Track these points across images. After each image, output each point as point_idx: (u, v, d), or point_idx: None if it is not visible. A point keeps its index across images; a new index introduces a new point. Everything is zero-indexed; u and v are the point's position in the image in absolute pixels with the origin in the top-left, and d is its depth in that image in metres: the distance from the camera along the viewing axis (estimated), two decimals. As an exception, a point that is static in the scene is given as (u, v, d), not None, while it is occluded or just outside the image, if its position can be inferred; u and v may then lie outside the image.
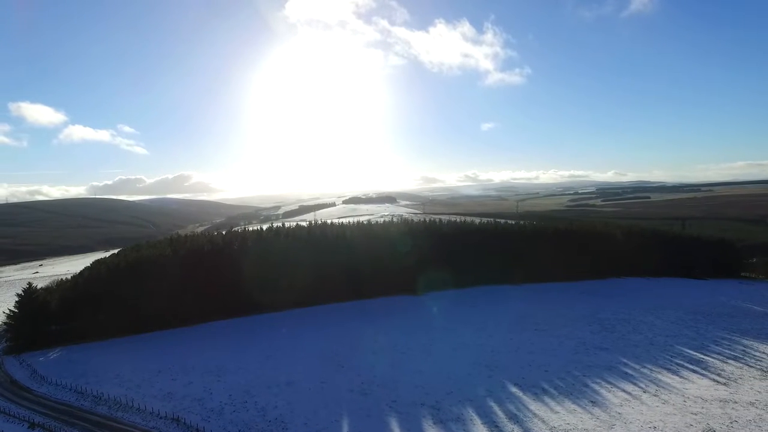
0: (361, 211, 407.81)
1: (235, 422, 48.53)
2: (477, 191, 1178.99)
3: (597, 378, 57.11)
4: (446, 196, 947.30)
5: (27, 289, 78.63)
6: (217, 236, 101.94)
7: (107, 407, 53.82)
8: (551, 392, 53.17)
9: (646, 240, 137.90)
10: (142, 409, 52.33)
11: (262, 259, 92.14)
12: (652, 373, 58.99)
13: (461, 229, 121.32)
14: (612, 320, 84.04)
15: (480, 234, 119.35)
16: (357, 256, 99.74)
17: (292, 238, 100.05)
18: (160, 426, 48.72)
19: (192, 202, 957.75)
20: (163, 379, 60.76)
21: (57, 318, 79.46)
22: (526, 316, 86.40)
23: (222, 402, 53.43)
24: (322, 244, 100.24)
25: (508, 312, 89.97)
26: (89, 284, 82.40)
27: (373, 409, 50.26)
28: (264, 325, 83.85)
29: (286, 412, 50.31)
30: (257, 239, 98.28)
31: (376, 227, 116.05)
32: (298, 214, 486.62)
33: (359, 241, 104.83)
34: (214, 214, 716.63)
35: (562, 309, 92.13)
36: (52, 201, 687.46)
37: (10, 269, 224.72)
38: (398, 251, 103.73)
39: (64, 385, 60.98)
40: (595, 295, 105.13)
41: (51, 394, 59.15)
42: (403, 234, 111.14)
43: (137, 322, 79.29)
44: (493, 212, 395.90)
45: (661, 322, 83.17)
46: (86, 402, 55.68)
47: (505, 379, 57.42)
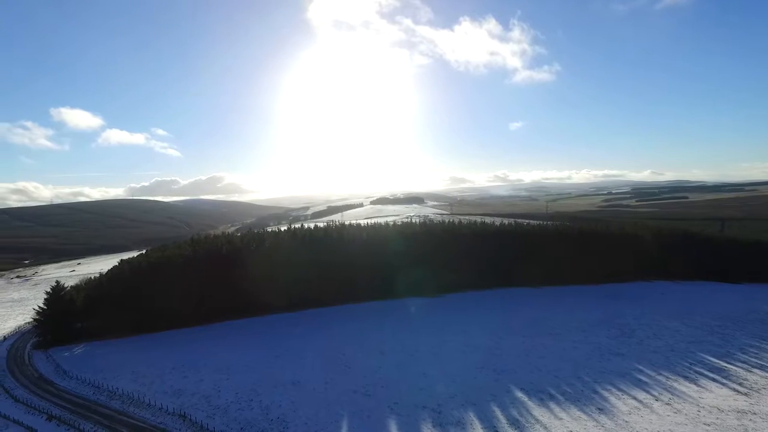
0: (388, 212, 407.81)
1: (238, 420, 49.46)
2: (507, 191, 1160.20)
3: (608, 384, 55.30)
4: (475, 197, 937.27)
5: (55, 287, 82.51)
6: (235, 237, 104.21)
7: (120, 402, 55.82)
8: (558, 398, 51.82)
9: (677, 242, 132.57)
10: (152, 405, 54.02)
11: (279, 260, 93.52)
12: (667, 380, 56.66)
13: (479, 231, 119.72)
14: (632, 325, 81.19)
15: (499, 235, 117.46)
16: (371, 257, 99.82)
17: (308, 239, 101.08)
18: (167, 422, 50.13)
19: (224, 203, 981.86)
20: (175, 377, 62.54)
21: (82, 315, 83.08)
22: (541, 320, 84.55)
23: (228, 400, 54.54)
24: (336, 245, 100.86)
25: (523, 315, 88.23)
26: (112, 283, 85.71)
27: (374, 410, 50.23)
28: (276, 326, 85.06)
29: (289, 411, 50.89)
30: (274, 240, 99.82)
31: (390, 228, 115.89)
32: (327, 215, 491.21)
33: (373, 242, 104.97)
34: (246, 215, 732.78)
35: (581, 313, 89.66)
36: (93, 202, 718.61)
37: (51, 267, 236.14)
38: (412, 252, 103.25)
39: (83, 380, 63.66)
40: (618, 299, 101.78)
41: (71, 388, 61.81)
42: (417, 234, 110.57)
43: (156, 321, 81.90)
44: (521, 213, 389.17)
45: (686, 328, 79.77)
46: (102, 396, 57.93)
47: (511, 383, 56.33)
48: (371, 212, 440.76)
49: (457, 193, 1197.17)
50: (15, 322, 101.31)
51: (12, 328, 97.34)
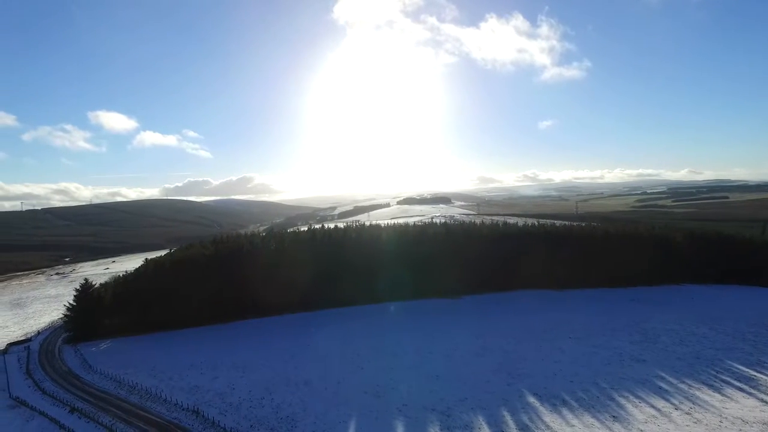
0: (413, 212, 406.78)
1: (248, 417, 50.26)
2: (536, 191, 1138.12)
3: (625, 391, 53.48)
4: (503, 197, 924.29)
5: (83, 285, 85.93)
6: (256, 237, 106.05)
7: (139, 397, 57.63)
8: (571, 404, 50.46)
9: (710, 244, 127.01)
10: (168, 401, 55.50)
11: (298, 260, 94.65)
12: (690, 389, 54.35)
13: (501, 232, 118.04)
14: (658, 330, 78.25)
15: (520, 236, 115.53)
16: (389, 258, 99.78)
17: (327, 240, 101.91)
18: (181, 417, 51.40)
19: (254, 203, 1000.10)
20: (193, 374, 64.10)
21: (109, 312, 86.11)
22: (562, 323, 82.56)
23: (241, 397, 55.50)
24: (354, 246, 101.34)
25: (543, 318, 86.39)
26: (137, 281, 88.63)
27: (382, 411, 50.16)
28: (293, 325, 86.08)
29: (299, 410, 51.36)
30: (294, 240, 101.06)
31: (410, 228, 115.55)
32: (353, 215, 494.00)
33: (392, 242, 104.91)
34: (275, 215, 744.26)
35: (604, 316, 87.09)
36: (129, 202, 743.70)
37: (88, 265, 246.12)
38: (432, 252, 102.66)
39: (106, 374, 66.06)
40: (645, 303, 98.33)
41: (95, 382, 64.22)
42: (437, 235, 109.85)
43: (177, 318, 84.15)
44: (551, 213, 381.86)
45: (715, 334, 76.34)
46: (122, 391, 59.94)
47: (524, 387, 55.22)
48: (397, 212, 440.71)
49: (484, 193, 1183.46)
50: (50, 318, 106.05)
51: (46, 323, 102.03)
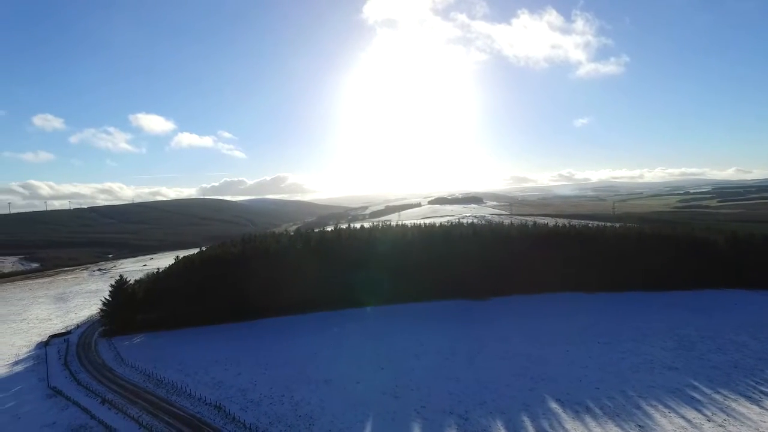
0: (444, 212, 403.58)
1: (268, 414, 51.08)
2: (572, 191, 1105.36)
3: (654, 400, 51.25)
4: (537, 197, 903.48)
5: (118, 281, 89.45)
6: (283, 236, 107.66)
7: (165, 390, 59.49)
8: (595, 412, 48.79)
9: (756, 247, 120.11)
10: (192, 395, 57.08)
11: (323, 259, 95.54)
12: (725, 400, 51.57)
13: (531, 232, 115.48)
14: (693, 337, 74.64)
15: (551, 237, 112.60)
16: (415, 258, 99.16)
17: (352, 239, 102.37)
18: (203, 412, 52.77)
19: (287, 202, 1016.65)
20: (217, 369, 65.68)
21: (142, 307, 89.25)
22: (591, 327, 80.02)
23: (262, 394, 56.50)
24: (380, 245, 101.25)
25: (572, 321, 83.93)
26: (168, 278, 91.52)
27: (400, 413, 49.95)
28: (317, 324, 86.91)
29: (317, 408, 51.83)
30: (319, 240, 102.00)
31: (437, 229, 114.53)
32: (384, 214, 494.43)
33: (418, 242, 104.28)
34: (307, 214, 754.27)
35: (637, 321, 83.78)
36: (168, 201, 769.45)
37: (128, 262, 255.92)
38: (458, 253, 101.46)
39: (137, 368, 68.49)
40: (681, 308, 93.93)
41: (126, 375, 66.74)
42: (464, 236, 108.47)
43: (206, 315, 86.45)
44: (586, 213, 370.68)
45: (756, 343, 72.10)
46: (150, 384, 62.02)
47: (547, 393, 53.80)
48: (428, 212, 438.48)
49: (518, 192, 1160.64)
50: (89, 312, 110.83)
51: (86, 316, 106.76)
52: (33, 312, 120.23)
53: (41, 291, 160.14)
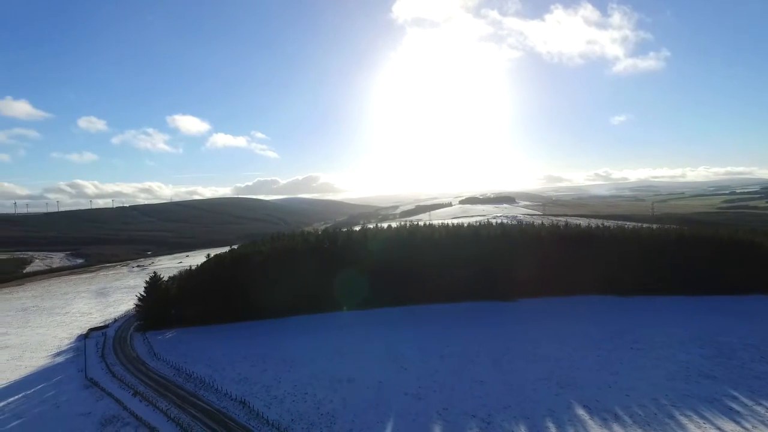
0: (475, 212, 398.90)
1: (291, 411, 51.61)
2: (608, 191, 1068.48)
3: (689, 410, 48.85)
4: (572, 197, 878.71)
5: (153, 277, 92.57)
6: (311, 235, 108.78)
7: (193, 384, 61.09)
8: (624, 420, 46.93)
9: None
10: (219, 390, 58.35)
11: (349, 257, 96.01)
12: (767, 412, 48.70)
13: (562, 233, 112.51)
14: (735, 344, 70.82)
15: (584, 237, 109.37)
16: (441, 258, 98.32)
17: (378, 239, 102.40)
18: (228, 407, 53.85)
19: (319, 202, 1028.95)
20: (244, 365, 66.94)
21: (175, 303, 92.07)
22: (624, 332, 77.18)
23: (286, 391, 57.16)
24: (407, 246, 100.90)
25: (603, 325, 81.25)
26: (200, 276, 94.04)
27: (422, 414, 49.49)
28: (343, 322, 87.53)
29: (339, 407, 52.00)
30: (346, 239, 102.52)
31: (465, 229, 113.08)
32: (415, 214, 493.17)
33: (444, 242, 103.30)
34: (338, 213, 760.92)
35: (673, 327, 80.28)
36: (204, 200, 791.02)
37: (165, 259, 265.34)
38: (486, 254, 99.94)
39: (168, 362, 70.65)
40: (723, 314, 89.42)
41: (157, 368, 68.96)
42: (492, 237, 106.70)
43: (235, 311, 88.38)
44: (623, 214, 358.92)
45: (806, 352, 67.84)
46: (179, 378, 63.83)
47: (574, 399, 52.16)
48: (458, 212, 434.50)
49: (552, 192, 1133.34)
50: (126, 307, 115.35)
51: (123, 311, 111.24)
52: (75, 306, 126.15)
53: (84, 286, 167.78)
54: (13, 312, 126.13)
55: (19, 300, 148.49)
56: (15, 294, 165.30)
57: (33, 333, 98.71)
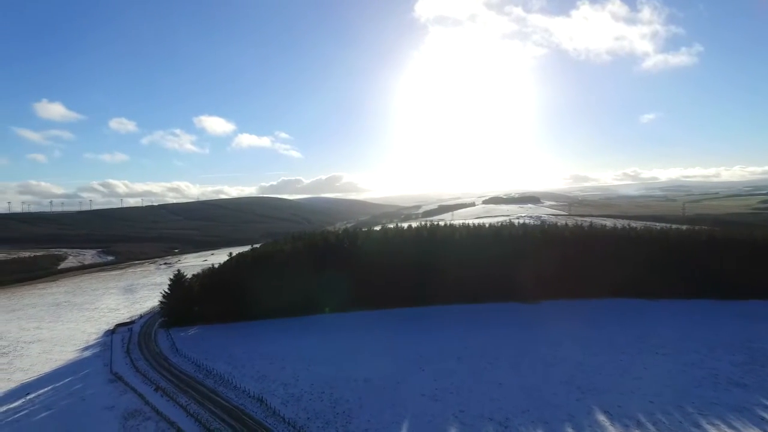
0: (498, 212, 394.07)
1: (307, 410, 51.89)
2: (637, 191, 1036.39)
3: (716, 419, 46.97)
4: (599, 197, 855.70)
5: (176, 275, 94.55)
6: (331, 234, 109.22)
7: (213, 381, 62.09)
8: (647, 427, 45.45)
9: None
10: (238, 387, 59.14)
11: (369, 257, 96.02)
12: (802, 423, 46.42)
13: (586, 233, 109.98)
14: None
15: (608, 238, 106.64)
16: (463, 258, 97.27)
17: (398, 239, 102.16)
18: (246, 404, 54.52)
19: (342, 201, 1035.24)
20: (262, 363, 67.67)
21: (198, 301, 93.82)
22: (650, 336, 74.87)
23: (303, 389, 57.51)
24: (426, 245, 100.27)
25: (629, 329, 78.95)
26: (222, 274, 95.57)
27: (437, 416, 49.04)
28: (362, 322, 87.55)
29: (355, 407, 52.02)
30: (366, 238, 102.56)
31: (486, 230, 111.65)
32: (437, 214, 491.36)
33: (466, 242, 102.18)
34: (361, 213, 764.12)
35: (703, 332, 77.45)
36: (230, 199, 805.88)
37: (191, 256, 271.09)
38: (508, 254, 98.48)
39: (189, 358, 72.02)
40: (757, 319, 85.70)
41: (179, 364, 70.35)
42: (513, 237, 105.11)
43: (256, 310, 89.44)
44: (653, 215, 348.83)
45: None
46: (200, 374, 64.99)
47: (595, 404, 50.83)
48: (481, 212, 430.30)
49: (578, 192, 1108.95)
50: (152, 303, 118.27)
51: (149, 307, 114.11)
52: (104, 302, 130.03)
53: (113, 282, 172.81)
54: (46, 307, 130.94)
55: (52, 295, 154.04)
56: (49, 289, 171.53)
57: (63, 327, 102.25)
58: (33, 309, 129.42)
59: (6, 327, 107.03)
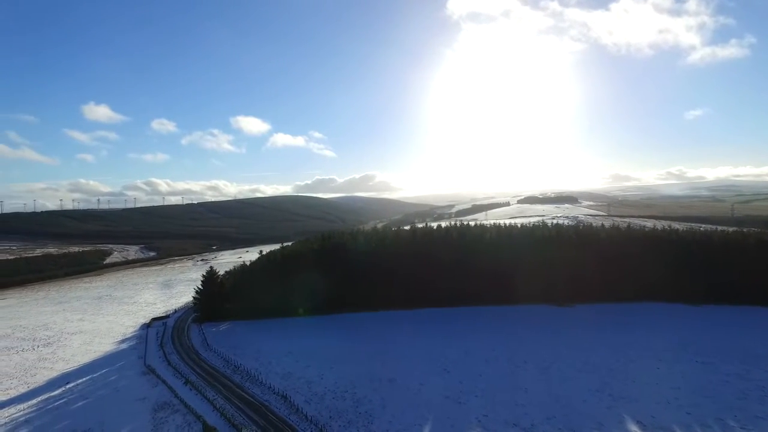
0: (533, 212, 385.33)
1: (329, 408, 51.95)
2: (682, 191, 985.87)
3: (760, 434, 44.03)
4: (640, 197, 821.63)
5: (209, 271, 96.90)
6: (359, 233, 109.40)
7: (240, 376, 63.16)
8: (682, 440, 43.08)
9: None
10: (263, 383, 59.91)
11: (397, 257, 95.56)
12: None
13: (624, 235, 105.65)
14: (823, 363, 63.16)
15: (647, 240, 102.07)
16: (494, 259, 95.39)
17: (427, 239, 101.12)
18: (270, 400, 55.13)
19: (375, 200, 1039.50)
20: (289, 360, 68.33)
21: (229, 297, 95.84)
22: (690, 343, 71.08)
23: (327, 388, 57.64)
24: (456, 245, 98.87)
25: (667, 335, 75.30)
26: (253, 271, 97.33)
27: (460, 419, 48.07)
28: (389, 321, 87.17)
29: (377, 407, 51.67)
30: (394, 239, 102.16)
31: (517, 230, 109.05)
32: (470, 213, 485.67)
33: (495, 243, 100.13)
34: (394, 212, 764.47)
35: (750, 340, 72.91)
36: (266, 198, 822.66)
37: (227, 253, 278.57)
38: (539, 255, 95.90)
39: (219, 353, 73.59)
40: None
41: (209, 359, 71.98)
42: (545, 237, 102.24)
43: (284, 307, 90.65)
44: (698, 215, 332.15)
45: None
46: (228, 370, 66.23)
47: (627, 413, 48.55)
48: (515, 212, 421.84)
49: (618, 192, 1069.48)
50: (187, 299, 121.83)
51: (183, 303, 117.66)
52: (143, 296, 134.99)
53: (152, 277, 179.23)
54: (90, 300, 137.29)
55: (96, 289, 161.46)
56: (93, 283, 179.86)
57: (104, 320, 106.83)
58: (78, 302, 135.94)
59: (53, 318, 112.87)
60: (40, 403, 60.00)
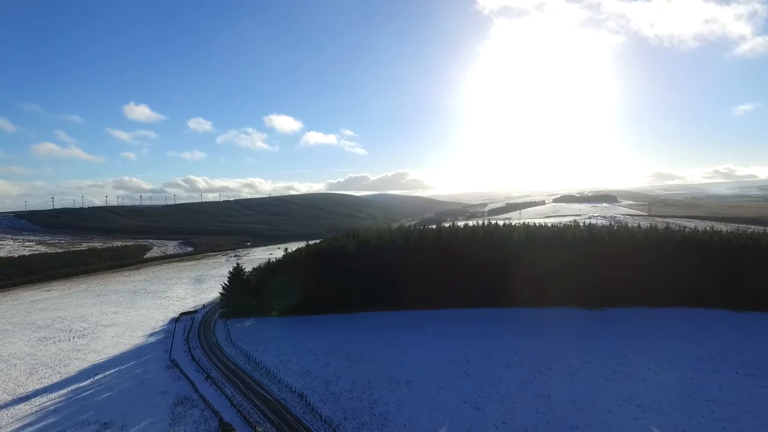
0: (569, 211, 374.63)
1: (345, 409, 51.49)
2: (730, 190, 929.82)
3: (805, 455, 40.54)
4: (684, 196, 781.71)
5: (235, 268, 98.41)
6: (385, 232, 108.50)
7: (259, 373, 63.58)
8: (715, 458, 40.15)
9: None
10: (281, 381, 60.08)
11: (421, 256, 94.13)
12: None
13: (663, 237, 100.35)
14: None
15: (688, 242, 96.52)
16: (522, 259, 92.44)
17: (453, 238, 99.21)
18: (287, 398, 55.17)
19: (407, 198, 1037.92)
20: (308, 358, 68.33)
21: (255, 294, 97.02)
22: (730, 352, 66.62)
23: (344, 388, 57.22)
24: (483, 245, 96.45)
25: (706, 343, 70.85)
26: (277, 269, 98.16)
27: (477, 425, 46.56)
28: (411, 322, 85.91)
29: (393, 409, 50.83)
30: (420, 237, 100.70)
31: (547, 229, 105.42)
32: (504, 212, 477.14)
33: (526, 242, 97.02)
34: (426, 210, 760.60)
35: (798, 350, 67.77)
36: (300, 195, 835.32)
37: (259, 250, 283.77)
38: (572, 256, 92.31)
39: (241, 349, 74.47)
40: None
41: (231, 355, 72.94)
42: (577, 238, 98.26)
43: (308, 305, 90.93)
44: (748, 216, 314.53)
45: None
46: (248, 366, 66.86)
47: (655, 425, 45.74)
48: (550, 211, 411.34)
49: (661, 191, 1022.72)
50: (215, 294, 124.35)
51: (212, 298, 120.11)
52: (175, 291, 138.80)
53: (186, 272, 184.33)
54: (125, 294, 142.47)
55: (132, 283, 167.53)
56: (131, 277, 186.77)
57: (136, 314, 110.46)
58: (115, 295, 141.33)
59: (90, 310, 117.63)
60: (69, 393, 62.30)
